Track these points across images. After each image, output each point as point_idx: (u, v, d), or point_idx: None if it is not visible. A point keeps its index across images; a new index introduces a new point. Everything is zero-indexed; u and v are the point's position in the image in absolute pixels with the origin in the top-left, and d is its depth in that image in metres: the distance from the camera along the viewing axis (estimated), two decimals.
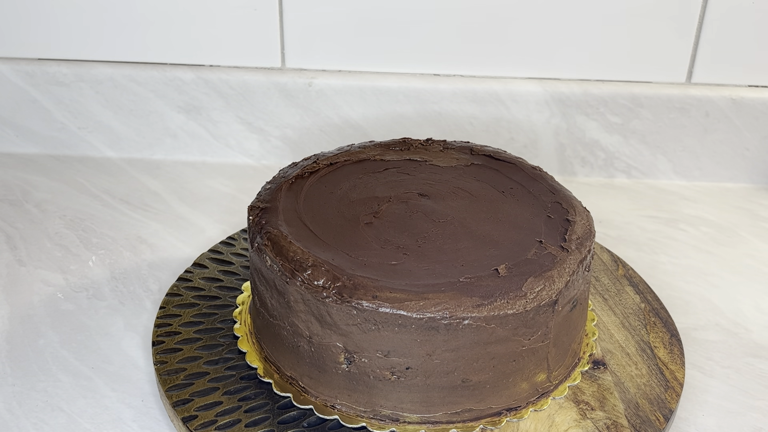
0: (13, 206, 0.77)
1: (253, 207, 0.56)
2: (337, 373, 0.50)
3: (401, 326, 0.47)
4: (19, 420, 0.54)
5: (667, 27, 0.79)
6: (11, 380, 0.57)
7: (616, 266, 0.68)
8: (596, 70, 0.82)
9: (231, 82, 0.83)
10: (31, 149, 0.86)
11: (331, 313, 0.48)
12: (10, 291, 0.66)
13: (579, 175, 0.86)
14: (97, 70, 0.83)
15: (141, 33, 0.81)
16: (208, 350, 0.57)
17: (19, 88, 0.83)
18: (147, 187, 0.81)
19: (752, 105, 0.82)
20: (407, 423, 0.51)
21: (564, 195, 0.58)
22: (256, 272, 0.54)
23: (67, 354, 0.59)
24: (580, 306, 0.54)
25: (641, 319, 0.62)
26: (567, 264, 0.51)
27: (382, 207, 0.56)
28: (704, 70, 0.81)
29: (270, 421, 0.51)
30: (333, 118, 0.84)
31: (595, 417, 0.52)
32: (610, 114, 0.83)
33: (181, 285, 0.63)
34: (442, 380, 0.49)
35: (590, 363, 0.57)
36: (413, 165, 0.62)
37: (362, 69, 0.83)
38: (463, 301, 0.47)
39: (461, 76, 0.83)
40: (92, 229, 0.74)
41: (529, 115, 0.83)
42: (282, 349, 0.53)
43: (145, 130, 0.85)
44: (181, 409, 0.52)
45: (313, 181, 0.59)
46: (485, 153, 0.63)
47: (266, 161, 0.86)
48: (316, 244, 0.52)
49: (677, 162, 0.85)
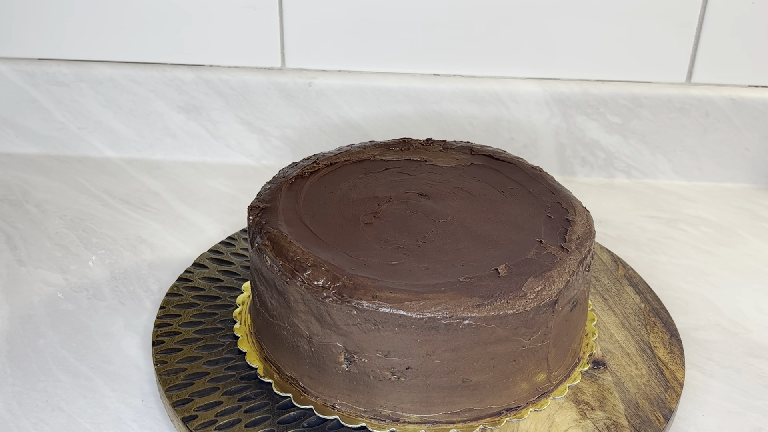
0: (13, 206, 0.77)
1: (253, 207, 0.56)
2: (337, 373, 0.50)
3: (401, 326, 0.47)
4: (19, 420, 0.54)
5: (667, 27, 0.79)
6: (11, 380, 0.57)
7: (616, 266, 0.68)
8: (596, 70, 0.82)
9: (231, 82, 0.83)
10: (31, 149, 0.86)
11: (331, 313, 0.48)
12: (10, 291, 0.66)
13: (579, 175, 0.86)
14: (97, 70, 0.83)
15: (141, 33, 0.81)
16: (208, 350, 0.57)
17: (19, 88, 0.83)
18: (147, 187, 0.81)
19: (752, 105, 0.81)
20: (407, 423, 0.51)
21: (564, 195, 0.58)
22: (256, 272, 0.54)
23: (67, 354, 0.59)
24: (580, 306, 0.54)
25: (641, 319, 0.62)
26: (567, 264, 0.51)
27: (382, 207, 0.56)
28: (704, 70, 0.81)
29: (270, 421, 0.51)
30: (333, 118, 0.84)
31: (595, 417, 0.52)
32: (610, 114, 0.83)
33: (181, 285, 0.63)
34: (442, 380, 0.49)
35: (590, 363, 0.57)
36: (413, 165, 0.62)
37: (362, 69, 0.83)
38: (463, 301, 0.47)
39: (461, 76, 0.83)
40: (92, 229, 0.74)
41: (529, 115, 0.83)
42: (282, 349, 0.53)
43: (145, 130, 0.85)
44: (181, 409, 0.52)
45: (313, 181, 0.59)
46: (485, 153, 0.63)
47: (266, 161, 0.86)
48: (316, 244, 0.52)
49: (677, 162, 0.85)
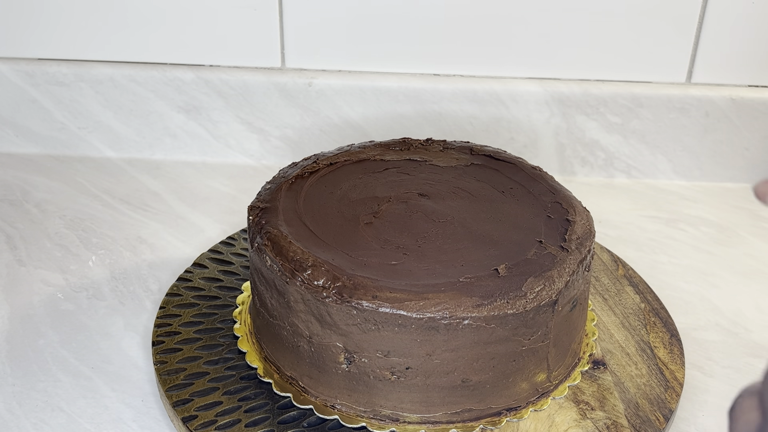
0: (13, 206, 0.77)
1: (253, 207, 0.56)
2: (337, 373, 0.50)
3: (401, 326, 0.47)
4: (19, 420, 0.54)
5: (667, 27, 0.79)
6: (11, 380, 0.57)
7: (616, 266, 0.68)
8: (596, 70, 0.82)
9: (231, 82, 0.83)
10: (31, 149, 0.86)
11: (331, 313, 0.48)
12: (10, 291, 0.66)
13: (579, 175, 0.86)
14: (97, 70, 0.83)
15: (141, 33, 0.81)
16: (208, 350, 0.57)
17: (19, 88, 0.83)
18: (147, 187, 0.81)
19: (752, 105, 0.81)
20: (407, 423, 0.51)
21: (564, 195, 0.58)
22: (256, 272, 0.54)
23: (67, 354, 0.59)
24: (580, 306, 0.54)
25: (641, 319, 0.62)
26: (567, 264, 0.51)
27: (382, 207, 0.56)
28: (704, 70, 0.81)
29: (270, 421, 0.51)
30: (333, 118, 0.84)
31: (595, 417, 0.52)
32: (610, 114, 0.83)
33: (181, 285, 0.63)
34: (442, 380, 0.49)
35: (590, 363, 0.57)
36: (413, 165, 0.62)
37: (362, 69, 0.83)
38: (463, 301, 0.47)
39: (461, 76, 0.83)
40: (92, 229, 0.74)
41: (529, 115, 0.83)
42: (282, 349, 0.53)
43: (145, 130, 0.85)
44: (181, 409, 0.52)
45: (313, 181, 0.59)
46: (485, 153, 0.63)
47: (266, 161, 0.86)
48: (316, 244, 0.52)
49: (677, 162, 0.85)
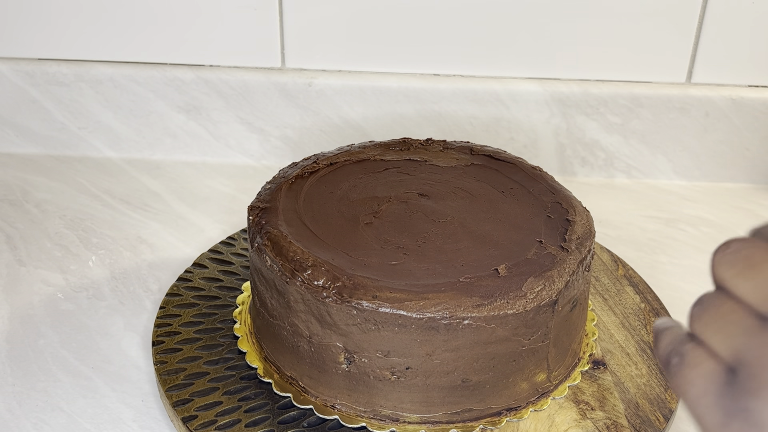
0: (13, 206, 0.77)
1: (253, 207, 0.56)
2: (337, 373, 0.50)
3: (401, 326, 0.47)
4: (19, 420, 0.54)
5: (667, 27, 0.79)
6: (11, 380, 0.57)
7: (616, 266, 0.68)
8: (596, 70, 0.82)
9: (231, 82, 0.83)
10: (31, 149, 0.86)
11: (331, 313, 0.48)
12: (10, 291, 0.66)
13: (579, 175, 0.86)
14: (97, 70, 0.83)
15: (141, 33, 0.81)
16: (208, 350, 0.57)
17: (19, 88, 0.83)
18: (147, 187, 0.81)
19: (752, 105, 0.81)
20: (407, 423, 0.51)
21: (564, 195, 0.58)
22: (256, 272, 0.54)
23: (67, 354, 0.59)
24: (580, 306, 0.54)
25: (641, 319, 0.62)
26: (567, 264, 0.51)
27: (382, 207, 0.56)
28: (704, 70, 0.81)
29: (270, 421, 0.51)
30: (333, 118, 0.84)
31: (595, 417, 0.52)
32: (610, 114, 0.83)
33: (181, 285, 0.63)
34: (442, 380, 0.49)
35: (590, 363, 0.57)
36: (413, 165, 0.62)
37: (362, 69, 0.83)
38: (463, 301, 0.47)
39: (461, 76, 0.83)
40: (92, 229, 0.74)
41: (529, 115, 0.83)
42: (282, 349, 0.53)
43: (145, 130, 0.85)
44: (181, 409, 0.52)
45: (313, 181, 0.59)
46: (485, 153, 0.63)
47: (266, 161, 0.86)
48: (316, 244, 0.52)
49: (677, 162, 0.85)
